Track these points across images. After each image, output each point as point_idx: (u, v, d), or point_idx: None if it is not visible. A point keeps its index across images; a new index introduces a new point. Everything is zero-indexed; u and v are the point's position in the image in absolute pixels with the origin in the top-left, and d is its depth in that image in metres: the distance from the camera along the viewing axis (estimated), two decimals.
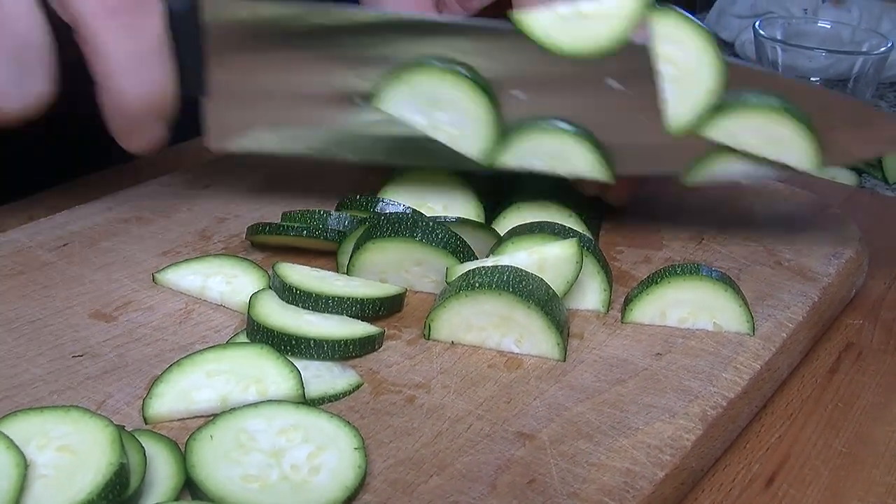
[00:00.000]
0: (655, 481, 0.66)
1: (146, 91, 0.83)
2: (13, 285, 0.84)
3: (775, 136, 0.86)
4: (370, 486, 0.64)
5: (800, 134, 0.86)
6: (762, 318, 0.83)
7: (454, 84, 0.87)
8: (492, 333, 0.78)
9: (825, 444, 0.78)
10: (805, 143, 0.86)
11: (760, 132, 0.86)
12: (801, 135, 0.86)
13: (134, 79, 0.82)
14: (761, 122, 0.86)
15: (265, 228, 0.89)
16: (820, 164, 0.87)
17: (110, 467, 0.58)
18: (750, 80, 0.87)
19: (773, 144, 0.86)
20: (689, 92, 0.86)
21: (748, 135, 0.86)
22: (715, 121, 0.86)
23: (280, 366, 0.71)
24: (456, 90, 0.87)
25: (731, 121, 0.86)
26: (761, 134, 0.86)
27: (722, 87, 0.85)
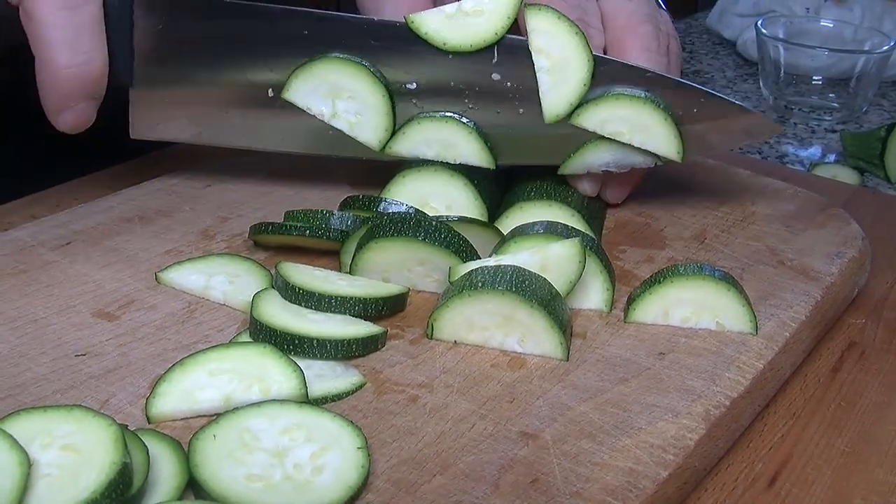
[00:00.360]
0: (658, 481, 0.66)
1: (79, 65, 0.87)
2: (16, 284, 0.84)
3: (641, 125, 0.93)
4: (373, 485, 0.64)
5: (663, 123, 0.93)
6: (765, 318, 0.83)
7: (354, 74, 0.94)
8: (495, 333, 0.78)
9: (828, 444, 0.78)
10: (668, 132, 0.93)
11: (628, 121, 0.93)
12: (664, 124, 0.93)
13: (69, 52, 0.87)
14: (628, 111, 0.93)
15: (268, 228, 0.89)
16: (682, 153, 0.94)
17: (114, 466, 0.58)
18: (618, 73, 0.94)
19: (640, 132, 0.93)
20: (562, 83, 0.93)
21: (617, 123, 0.93)
22: (587, 110, 0.93)
23: (283, 365, 0.71)
24: (356, 80, 0.95)
25: (601, 110, 0.93)
26: (629, 123, 0.93)
27: (591, 78, 0.93)
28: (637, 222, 1.00)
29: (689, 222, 1.00)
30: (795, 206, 1.05)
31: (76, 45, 0.86)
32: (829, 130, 1.62)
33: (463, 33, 0.93)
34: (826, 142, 1.57)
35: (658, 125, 0.93)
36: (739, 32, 1.96)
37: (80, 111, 0.90)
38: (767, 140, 1.57)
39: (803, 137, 1.59)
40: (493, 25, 0.92)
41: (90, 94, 0.90)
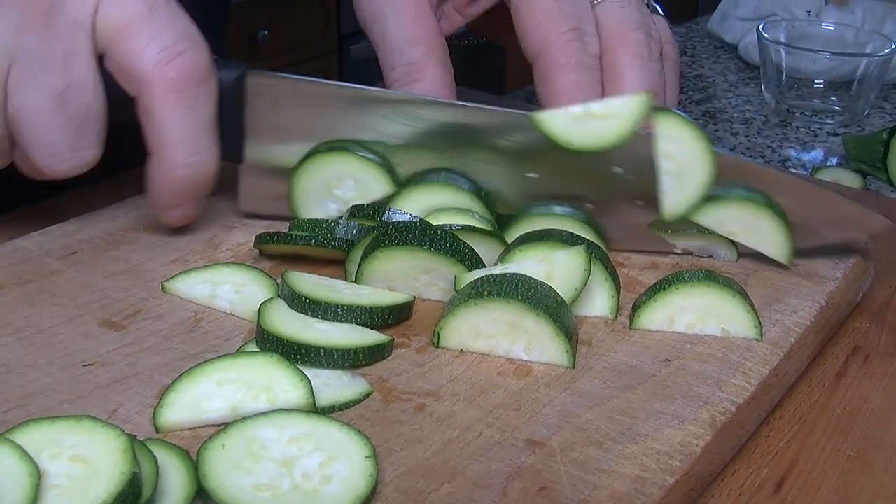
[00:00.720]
0: (665, 487, 0.66)
1: (196, 164, 0.88)
2: (22, 294, 0.84)
3: (755, 228, 0.93)
4: (381, 494, 0.64)
5: (777, 229, 0.93)
6: (770, 323, 0.84)
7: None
8: (501, 341, 0.78)
9: (834, 449, 0.78)
10: (781, 238, 0.93)
11: (744, 223, 0.93)
12: (778, 230, 0.93)
13: (186, 152, 0.87)
14: (746, 214, 0.93)
15: (273, 237, 0.89)
16: (793, 255, 0.94)
17: (123, 477, 0.59)
18: (740, 172, 0.93)
19: (754, 235, 0.93)
20: (684, 185, 0.92)
21: (733, 224, 0.94)
22: (706, 210, 0.93)
23: (290, 374, 0.72)
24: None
25: (720, 211, 0.93)
26: (744, 225, 0.93)
27: (713, 180, 0.92)
28: None
29: None
30: None
31: (193, 145, 0.87)
32: (832, 134, 1.62)
33: (590, 136, 0.91)
34: (828, 145, 1.58)
35: (772, 231, 0.93)
36: (741, 36, 1.96)
37: (189, 209, 0.92)
38: (769, 137, 1.57)
39: (805, 141, 1.59)
40: (621, 129, 0.91)
41: (201, 193, 0.91)
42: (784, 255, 0.94)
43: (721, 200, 0.93)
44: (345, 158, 0.93)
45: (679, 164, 0.92)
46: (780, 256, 0.94)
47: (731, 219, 0.93)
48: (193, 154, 0.87)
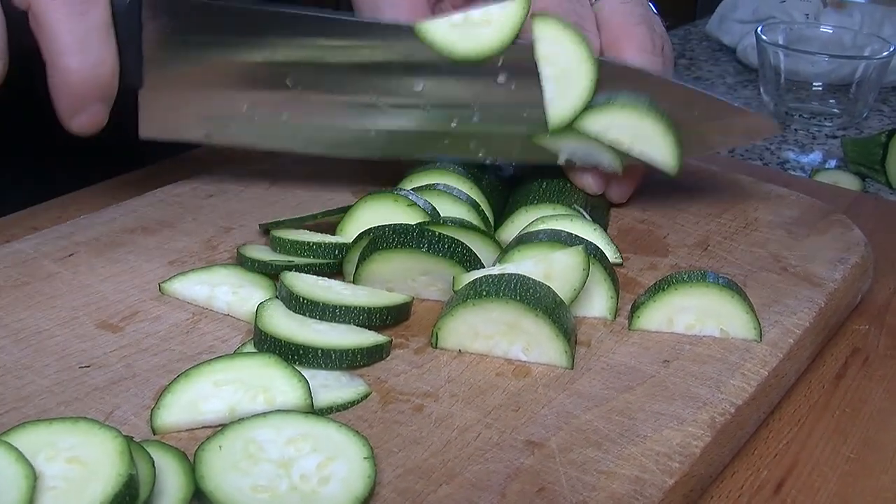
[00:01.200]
0: (664, 489, 0.66)
1: (90, 69, 0.88)
2: (19, 296, 0.84)
3: (641, 134, 0.94)
4: (380, 495, 0.64)
5: (664, 135, 0.94)
6: (769, 325, 0.83)
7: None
8: (499, 341, 0.78)
9: (833, 450, 0.78)
10: (668, 144, 0.94)
11: (630, 130, 0.94)
12: (665, 135, 0.94)
13: (80, 57, 0.87)
14: (631, 120, 0.94)
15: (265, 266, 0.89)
16: (679, 166, 0.96)
17: (119, 478, 0.58)
18: (621, 76, 0.95)
19: (641, 142, 0.95)
20: (567, 90, 0.94)
21: (619, 131, 0.94)
22: (590, 117, 0.94)
23: (288, 375, 0.71)
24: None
25: (605, 117, 0.94)
26: (631, 131, 0.94)
27: (596, 85, 0.93)
28: (640, 230, 1.00)
29: (691, 229, 1.00)
30: (797, 212, 1.05)
31: (86, 49, 0.87)
32: (830, 136, 1.62)
33: (470, 42, 0.94)
34: (827, 148, 1.58)
35: (659, 137, 0.94)
36: (739, 39, 1.96)
37: (93, 114, 0.91)
38: (768, 140, 1.57)
39: (804, 143, 1.59)
40: (501, 35, 0.93)
41: (102, 96, 0.91)
42: (671, 162, 0.95)
43: (606, 106, 0.94)
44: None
45: (561, 69, 0.93)
46: (668, 164, 0.95)
47: (616, 125, 0.94)
48: (87, 57, 0.87)
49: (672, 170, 0.95)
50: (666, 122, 0.94)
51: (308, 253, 0.88)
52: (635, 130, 0.94)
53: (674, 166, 0.95)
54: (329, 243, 0.88)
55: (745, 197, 1.08)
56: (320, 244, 0.88)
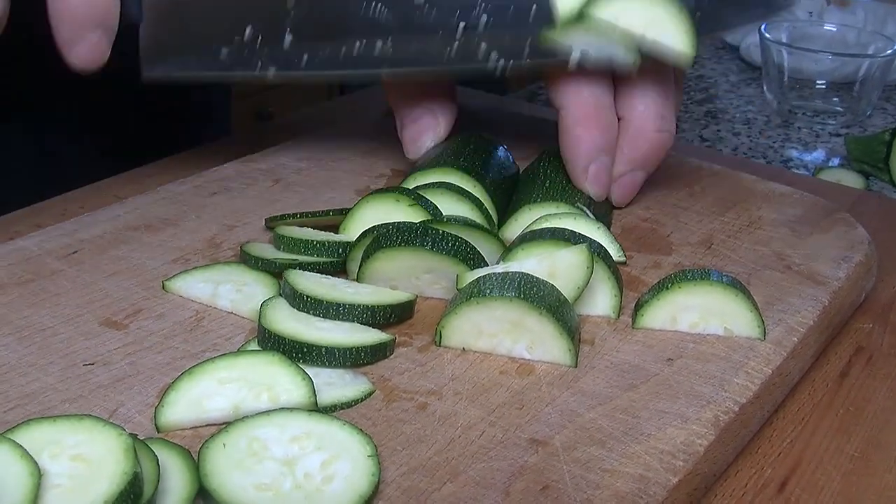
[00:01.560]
0: (668, 487, 0.66)
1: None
2: (22, 293, 0.84)
3: (654, 18, 0.92)
4: (384, 493, 0.64)
5: (677, 17, 0.92)
6: (773, 323, 0.83)
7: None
8: (503, 340, 0.78)
9: (837, 449, 0.78)
10: (681, 27, 0.92)
11: (641, 14, 0.92)
12: (678, 18, 0.92)
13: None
14: (642, 3, 0.92)
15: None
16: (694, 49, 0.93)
17: (124, 476, 0.58)
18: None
19: (653, 26, 0.92)
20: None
21: (630, 16, 0.92)
22: (600, 3, 0.92)
23: (292, 373, 0.71)
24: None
25: (615, 3, 0.92)
26: (641, 16, 0.92)
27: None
28: (643, 228, 1.00)
29: (695, 228, 1.00)
30: (801, 210, 1.05)
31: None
32: (834, 134, 1.62)
33: None
34: (830, 146, 1.57)
35: (672, 20, 0.92)
36: (742, 37, 1.96)
37: (94, 44, 0.89)
38: (771, 138, 1.57)
39: (808, 142, 1.59)
40: None
41: (102, 21, 0.89)
42: (686, 48, 0.92)
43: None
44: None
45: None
46: (682, 50, 0.92)
47: (627, 10, 0.92)
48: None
49: (687, 57, 0.93)
50: (678, 4, 0.92)
51: (312, 251, 0.88)
52: (647, 14, 0.92)
53: (689, 52, 0.93)
54: (332, 241, 0.88)
55: (749, 195, 1.08)
56: (324, 242, 0.88)
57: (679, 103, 1.03)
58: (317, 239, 0.88)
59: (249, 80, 0.98)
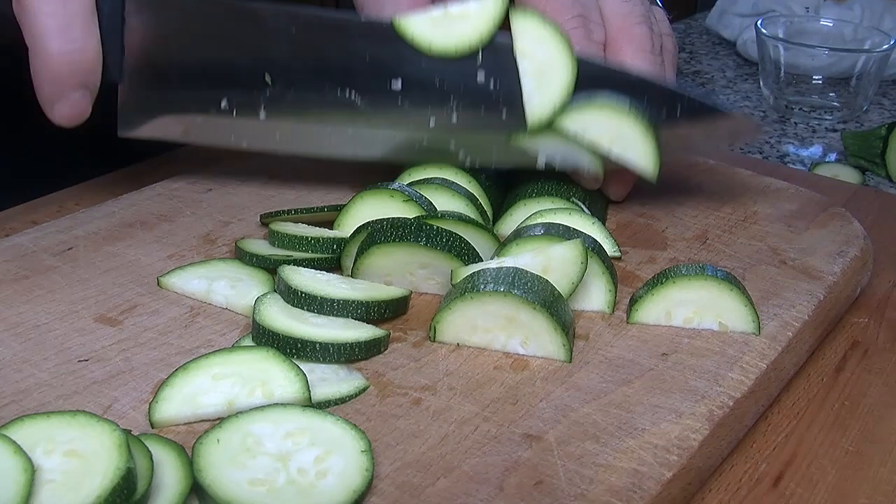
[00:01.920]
0: (662, 482, 0.66)
1: (72, 53, 0.87)
2: (18, 290, 0.84)
3: (621, 134, 0.94)
4: (377, 488, 0.64)
5: (643, 138, 0.94)
6: (768, 318, 0.83)
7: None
8: (497, 335, 0.78)
9: (832, 443, 0.78)
10: (647, 148, 0.94)
11: (609, 131, 0.94)
12: (644, 139, 0.94)
13: (61, 40, 0.87)
14: (611, 121, 0.93)
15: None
16: (657, 170, 0.95)
17: (117, 472, 0.58)
18: (603, 76, 0.95)
19: (620, 143, 0.94)
20: (546, 86, 0.94)
21: (598, 131, 0.94)
22: (570, 115, 0.94)
23: (286, 369, 0.71)
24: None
25: (585, 116, 0.94)
26: (610, 133, 0.94)
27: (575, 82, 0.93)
28: (638, 223, 1.00)
29: (690, 223, 1.00)
30: (797, 205, 1.05)
31: (68, 33, 0.87)
32: (830, 130, 1.62)
33: (448, 37, 0.94)
34: (827, 141, 1.57)
35: (639, 139, 0.93)
36: (739, 32, 1.96)
37: (75, 102, 0.90)
38: (767, 134, 1.57)
39: (804, 137, 1.59)
40: (479, 30, 0.93)
41: (84, 82, 0.90)
42: (650, 166, 0.94)
43: (585, 105, 0.93)
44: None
45: (539, 64, 0.93)
46: (647, 168, 0.94)
47: (595, 125, 0.94)
48: (69, 42, 0.87)
49: (651, 174, 0.95)
50: (645, 125, 0.93)
51: (306, 247, 0.88)
52: (614, 131, 0.94)
53: (653, 170, 0.94)
54: (327, 238, 0.88)
55: (744, 190, 1.08)
56: (318, 238, 0.88)
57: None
58: (311, 235, 0.88)
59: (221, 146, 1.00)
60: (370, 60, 0.96)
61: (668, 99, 0.96)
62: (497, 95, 0.95)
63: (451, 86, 0.96)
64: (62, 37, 0.87)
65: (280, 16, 0.95)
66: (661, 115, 0.95)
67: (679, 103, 0.96)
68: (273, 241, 0.89)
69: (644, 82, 0.95)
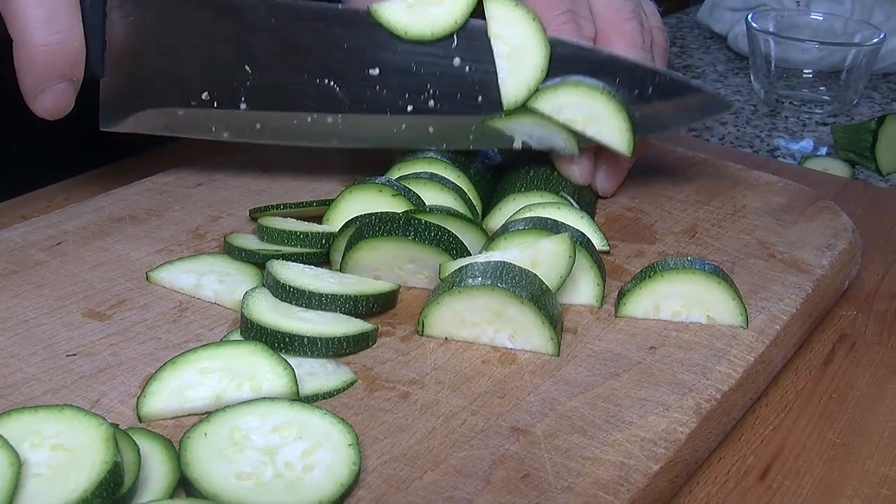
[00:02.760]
0: (650, 474, 0.66)
1: (55, 45, 0.88)
2: (6, 285, 0.84)
3: (596, 115, 0.95)
4: (364, 482, 0.64)
5: (617, 115, 0.95)
6: (756, 311, 0.84)
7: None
8: (485, 329, 0.78)
9: (819, 436, 0.78)
10: (621, 125, 0.96)
11: (583, 110, 0.95)
12: (617, 116, 0.95)
13: (44, 31, 0.87)
14: (585, 100, 0.95)
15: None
16: (631, 147, 0.96)
17: (104, 466, 0.58)
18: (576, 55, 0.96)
19: (594, 122, 0.96)
20: (520, 68, 0.96)
21: (573, 111, 0.96)
22: (544, 95, 0.95)
23: (274, 363, 0.71)
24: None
25: (559, 96, 0.95)
26: (584, 112, 0.95)
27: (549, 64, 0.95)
28: (627, 217, 1.00)
29: (679, 217, 1.00)
30: (786, 199, 1.05)
31: (51, 24, 0.87)
32: (821, 123, 1.62)
33: (423, 23, 0.95)
34: (817, 135, 1.58)
35: (612, 117, 0.95)
36: (730, 26, 1.96)
37: (58, 94, 0.91)
38: (758, 128, 1.57)
39: (794, 131, 1.59)
40: (453, 15, 0.95)
41: (67, 74, 0.90)
42: (623, 144, 0.96)
43: (559, 86, 0.95)
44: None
45: (513, 47, 0.95)
46: (620, 145, 0.96)
47: (570, 105, 0.95)
48: (52, 33, 0.87)
49: (625, 151, 0.96)
50: (618, 103, 0.95)
51: (295, 242, 0.88)
52: (588, 110, 0.95)
53: (626, 148, 0.96)
54: (316, 232, 0.88)
55: (734, 184, 1.08)
56: (307, 233, 0.88)
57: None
58: (300, 230, 0.88)
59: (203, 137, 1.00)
60: (347, 48, 0.97)
61: (639, 76, 0.97)
62: (473, 79, 0.97)
63: (427, 71, 0.97)
64: (46, 28, 0.87)
65: (258, 7, 0.96)
66: (632, 92, 0.97)
67: (650, 80, 0.97)
68: (262, 235, 0.89)
69: (615, 60, 0.97)
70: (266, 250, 0.86)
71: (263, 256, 0.85)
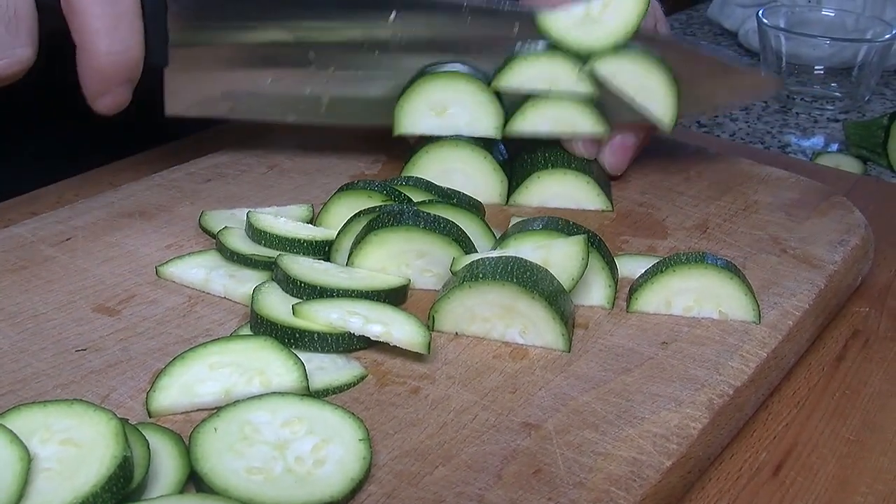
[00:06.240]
0: (662, 470, 0.66)
1: (118, 53, 0.91)
2: (16, 280, 0.84)
3: (646, 85, 0.98)
4: (375, 477, 0.64)
5: (668, 89, 0.98)
6: (768, 307, 0.83)
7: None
8: (496, 324, 0.78)
9: (832, 432, 0.78)
10: (669, 99, 0.98)
11: (635, 78, 0.98)
12: (668, 90, 0.98)
13: (109, 41, 0.90)
14: (639, 69, 0.98)
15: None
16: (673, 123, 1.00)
17: (114, 460, 0.58)
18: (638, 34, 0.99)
19: (644, 92, 0.98)
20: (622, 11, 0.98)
21: (625, 77, 0.98)
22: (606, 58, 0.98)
23: (284, 358, 0.71)
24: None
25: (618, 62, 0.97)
26: (635, 79, 0.98)
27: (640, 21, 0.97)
28: (639, 212, 1.00)
29: (691, 212, 1.00)
30: (798, 194, 1.04)
31: (115, 34, 0.90)
32: (832, 120, 1.61)
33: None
34: (829, 131, 1.57)
35: (662, 91, 0.98)
36: (741, 23, 1.95)
37: (118, 94, 0.93)
38: (769, 124, 1.57)
39: (806, 127, 1.58)
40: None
41: (128, 78, 0.93)
42: (667, 118, 0.99)
43: (622, 52, 0.97)
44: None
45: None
46: (664, 119, 0.99)
47: (624, 72, 0.97)
48: (116, 42, 0.90)
49: (667, 126, 0.99)
50: (671, 79, 0.97)
51: (292, 248, 0.87)
52: (641, 81, 0.97)
53: (669, 123, 0.99)
54: (315, 240, 0.87)
55: (745, 179, 1.07)
56: (303, 241, 0.87)
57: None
58: (298, 237, 0.87)
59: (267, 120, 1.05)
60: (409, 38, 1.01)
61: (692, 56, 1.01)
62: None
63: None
64: (109, 37, 0.89)
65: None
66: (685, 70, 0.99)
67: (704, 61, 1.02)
68: (258, 239, 0.88)
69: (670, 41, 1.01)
70: (260, 256, 0.85)
71: (256, 263, 0.85)
